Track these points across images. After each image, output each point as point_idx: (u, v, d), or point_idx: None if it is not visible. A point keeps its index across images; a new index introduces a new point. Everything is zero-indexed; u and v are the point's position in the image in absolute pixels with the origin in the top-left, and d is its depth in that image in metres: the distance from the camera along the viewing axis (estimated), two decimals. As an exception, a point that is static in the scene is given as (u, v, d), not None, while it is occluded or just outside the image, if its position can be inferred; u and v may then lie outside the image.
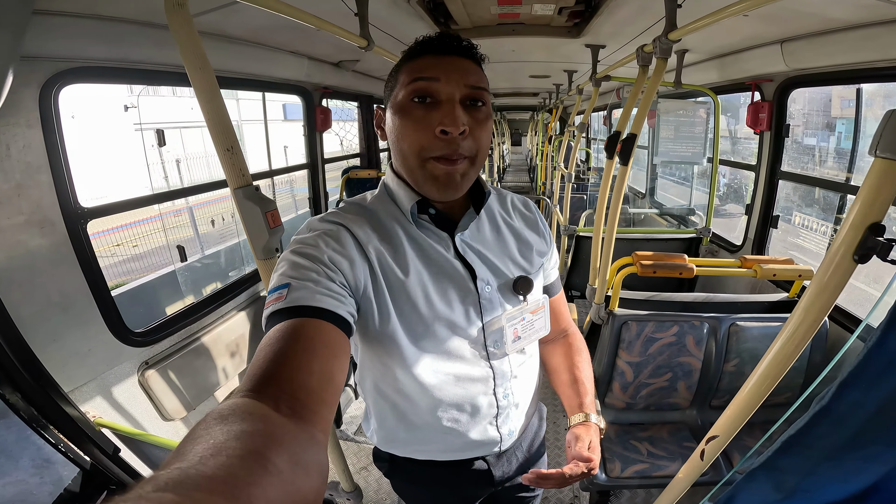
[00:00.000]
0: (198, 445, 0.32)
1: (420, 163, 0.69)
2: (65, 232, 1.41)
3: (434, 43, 0.71)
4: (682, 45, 2.36)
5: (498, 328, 0.80)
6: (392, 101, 0.72)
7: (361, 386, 0.88)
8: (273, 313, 0.57)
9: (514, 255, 0.83)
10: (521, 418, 0.91)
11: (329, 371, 0.51)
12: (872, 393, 0.67)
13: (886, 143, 0.53)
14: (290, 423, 0.41)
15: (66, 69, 1.37)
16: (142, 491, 0.25)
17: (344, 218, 0.72)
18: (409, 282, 0.72)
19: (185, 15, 0.74)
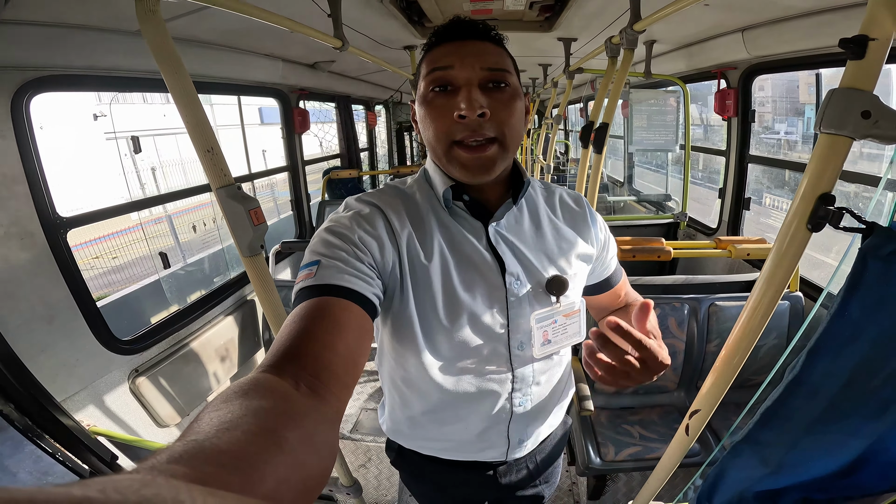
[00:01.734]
0: (216, 418, 0.33)
1: (446, 149, 0.68)
2: (45, 242, 1.41)
3: (448, 30, 0.70)
4: (650, 35, 2.43)
5: (525, 329, 0.75)
6: (417, 95, 0.72)
7: (380, 371, 0.86)
8: (302, 289, 0.57)
9: (553, 253, 0.78)
10: (536, 429, 0.86)
11: (351, 352, 0.51)
12: (841, 361, 0.71)
13: (829, 119, 0.57)
14: (307, 402, 0.41)
15: (35, 78, 1.36)
16: (155, 461, 0.26)
17: (379, 199, 0.72)
18: (432, 268, 0.69)
19: (157, 20, 0.75)
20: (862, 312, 0.66)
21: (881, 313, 0.65)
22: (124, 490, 0.15)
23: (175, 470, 0.25)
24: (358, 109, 4.28)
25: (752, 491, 0.96)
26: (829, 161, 0.59)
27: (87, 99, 8.71)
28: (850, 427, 0.81)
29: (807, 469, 0.90)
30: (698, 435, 0.89)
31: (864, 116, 0.56)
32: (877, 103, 0.55)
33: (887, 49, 0.54)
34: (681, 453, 0.93)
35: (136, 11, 0.73)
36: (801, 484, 0.93)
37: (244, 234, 0.83)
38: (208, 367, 2.01)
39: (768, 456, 0.88)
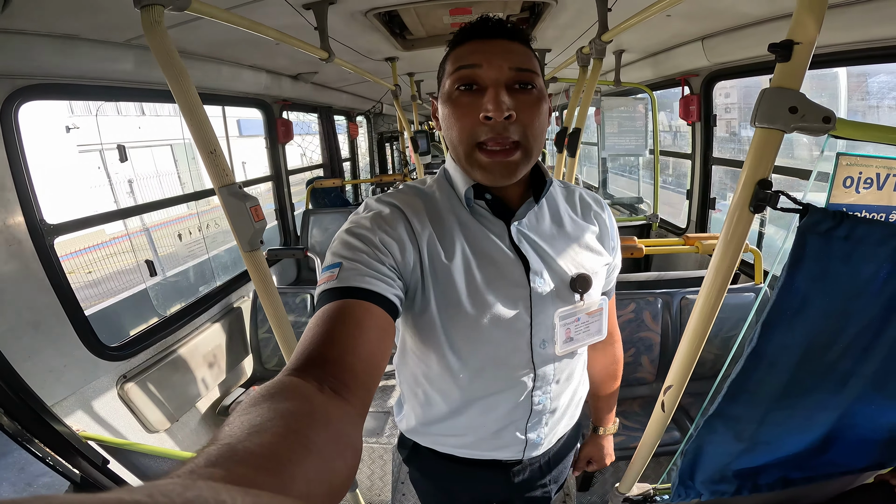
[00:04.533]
0: (246, 422, 0.34)
1: (468, 150, 0.67)
2: (32, 249, 1.42)
3: (477, 28, 0.68)
4: (619, 45, 2.57)
5: (548, 326, 0.75)
6: (441, 92, 0.70)
7: (399, 370, 0.86)
8: (324, 292, 0.58)
9: (575, 251, 0.78)
10: (553, 427, 0.86)
11: (374, 354, 0.52)
12: (794, 332, 0.77)
13: (762, 115, 0.66)
14: (331, 404, 0.42)
15: (25, 86, 1.38)
16: (193, 465, 0.27)
17: (400, 199, 0.71)
18: (454, 267, 0.69)
19: (162, 30, 0.80)
20: (806, 285, 0.72)
21: (823, 284, 0.72)
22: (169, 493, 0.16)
23: (213, 473, 0.26)
24: (340, 120, 4.34)
25: (731, 469, 1.01)
26: (765, 151, 0.68)
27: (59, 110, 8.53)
28: (815, 401, 0.88)
29: (781, 445, 0.96)
30: (674, 410, 0.95)
31: (791, 112, 0.65)
32: (802, 100, 0.64)
33: (811, 52, 0.62)
34: (659, 430, 0.99)
35: (142, 22, 0.78)
36: (778, 461, 0.99)
37: (245, 230, 0.88)
38: (196, 373, 2.02)
39: (741, 431, 0.92)
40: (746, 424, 0.90)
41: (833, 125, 0.66)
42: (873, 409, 0.88)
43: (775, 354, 0.79)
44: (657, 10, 1.21)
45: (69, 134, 8.49)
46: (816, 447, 0.94)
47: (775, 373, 0.82)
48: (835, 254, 0.70)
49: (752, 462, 0.98)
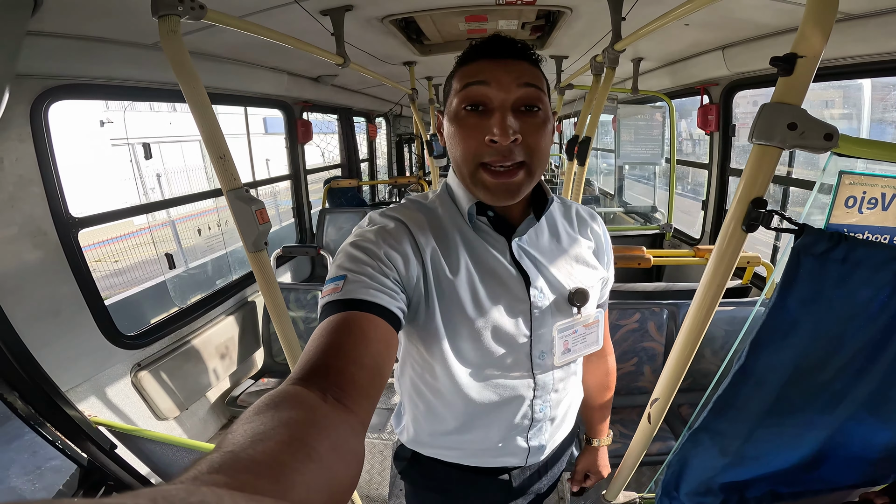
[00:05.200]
0: (249, 430, 0.34)
1: (472, 170, 0.68)
2: (57, 240, 1.49)
3: (486, 46, 0.68)
4: (637, 53, 2.55)
5: (547, 339, 0.77)
6: (447, 109, 0.71)
7: (400, 382, 0.88)
8: (329, 304, 0.58)
9: (573, 266, 0.80)
10: (553, 434, 0.89)
11: (376, 365, 0.53)
12: (783, 353, 0.76)
13: (760, 131, 0.65)
14: (333, 413, 0.43)
15: (55, 86, 1.45)
16: (196, 472, 0.28)
17: (404, 214, 0.72)
18: (458, 282, 0.71)
19: (177, 39, 0.85)
20: (798, 306, 0.71)
21: (816, 306, 0.71)
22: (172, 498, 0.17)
23: (216, 479, 0.27)
24: (359, 121, 4.41)
25: (717, 482, 1.00)
26: (761, 169, 0.67)
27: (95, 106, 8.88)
28: (804, 420, 0.86)
29: (768, 462, 0.95)
30: (660, 422, 0.96)
31: (790, 128, 0.62)
32: (803, 116, 0.62)
33: (815, 66, 0.60)
34: (645, 441, 1.00)
35: (159, 30, 0.82)
36: (766, 475, 0.97)
37: (250, 231, 0.91)
38: (209, 363, 2.08)
39: (726, 446, 0.92)
40: (732, 440, 0.90)
41: (835, 142, 0.63)
42: (865, 429, 0.86)
43: (763, 373, 0.78)
44: (670, 20, 1.20)
45: (103, 128, 8.81)
46: (806, 464, 0.92)
47: (763, 391, 0.81)
48: (830, 276, 0.69)
49: (740, 476, 0.97)
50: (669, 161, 2.97)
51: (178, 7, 0.85)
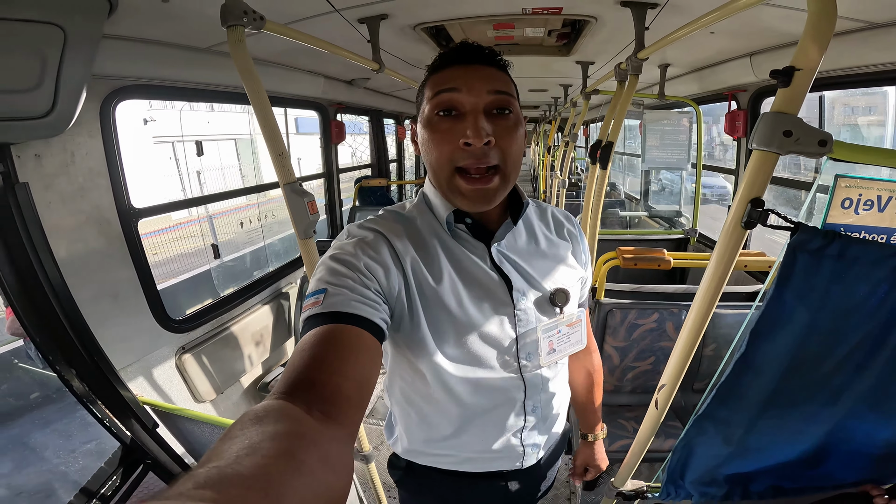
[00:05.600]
0: (234, 445, 0.34)
1: (448, 176, 0.70)
2: (119, 229, 1.64)
3: (455, 53, 0.70)
4: (664, 59, 2.57)
5: (532, 340, 0.79)
6: (420, 116, 0.73)
7: (390, 393, 0.88)
8: (310, 317, 0.58)
9: (552, 267, 0.82)
10: (546, 434, 0.90)
11: (361, 376, 0.52)
12: (779, 343, 0.80)
13: (759, 138, 0.71)
14: (321, 426, 0.42)
15: (122, 86, 1.59)
16: (182, 488, 0.27)
17: (381, 225, 0.73)
18: (442, 290, 0.72)
19: (243, 47, 0.97)
20: (795, 299, 0.75)
21: (812, 300, 0.75)
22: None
23: (203, 495, 0.26)
24: (389, 123, 4.55)
25: (722, 473, 1.04)
26: (760, 172, 0.72)
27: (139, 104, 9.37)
28: (807, 413, 0.89)
29: (771, 454, 0.98)
30: (667, 408, 1.01)
31: (786, 135, 0.67)
32: (798, 124, 0.67)
33: (811, 79, 0.66)
34: (653, 426, 1.03)
35: (228, 39, 0.94)
36: (769, 469, 1.01)
37: (302, 220, 1.02)
38: (244, 349, 2.23)
39: (730, 435, 0.95)
40: (735, 429, 0.93)
41: (829, 148, 0.68)
42: (867, 425, 0.89)
43: (762, 363, 0.82)
44: (691, 31, 1.24)
45: (146, 126, 9.30)
46: (809, 458, 0.95)
47: (762, 380, 0.84)
48: (825, 271, 0.73)
49: (744, 468, 1.00)
50: (696, 166, 2.98)
51: (244, 19, 0.97)
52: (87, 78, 1.18)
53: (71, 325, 1.47)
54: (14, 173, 1.26)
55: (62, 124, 1.16)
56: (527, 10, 1.52)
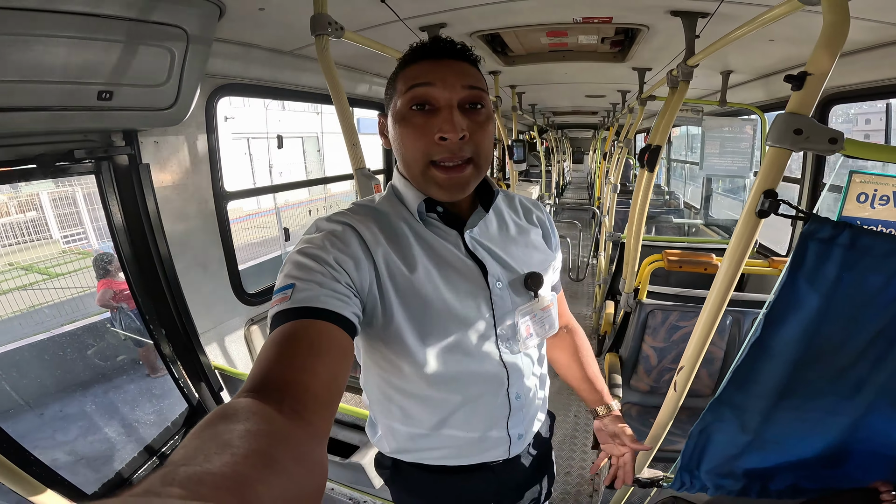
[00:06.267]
0: (203, 443, 0.33)
1: (423, 169, 0.70)
2: (213, 208, 1.90)
3: (427, 48, 0.71)
4: (726, 66, 2.55)
5: (510, 324, 0.79)
6: (392, 110, 0.72)
7: (367, 391, 0.87)
8: (278, 313, 0.57)
9: (524, 252, 0.83)
10: (531, 421, 0.90)
11: (331, 373, 0.51)
12: (792, 326, 0.83)
13: (773, 136, 0.77)
14: (292, 424, 0.41)
15: (223, 84, 1.83)
16: (149, 485, 0.26)
17: (351, 218, 0.71)
18: (418, 279, 0.71)
19: (328, 53, 1.16)
20: (807, 284, 0.80)
21: (824, 286, 0.79)
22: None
23: (170, 492, 0.25)
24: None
25: (740, 467, 1.05)
26: (774, 166, 0.79)
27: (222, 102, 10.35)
28: (826, 405, 0.91)
29: (790, 448, 0.99)
30: (686, 390, 1.03)
31: (796, 133, 0.75)
32: (809, 124, 0.74)
33: (822, 83, 0.73)
34: (672, 409, 1.07)
35: (316, 46, 1.14)
36: (788, 465, 1.02)
37: (370, 202, 1.20)
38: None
39: (746, 421, 0.97)
40: (751, 415, 0.95)
41: (840, 146, 0.75)
42: (889, 423, 0.89)
43: (777, 347, 0.85)
44: (737, 37, 1.29)
45: (226, 122, 10.20)
46: (829, 456, 0.95)
47: (777, 366, 0.87)
48: (836, 259, 0.77)
49: (763, 462, 1.01)
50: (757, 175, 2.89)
51: (328, 28, 1.17)
52: (202, 76, 1.43)
53: (170, 290, 1.74)
54: (139, 155, 1.54)
55: (180, 116, 1.42)
56: (577, 19, 1.62)
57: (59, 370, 4.03)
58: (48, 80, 1.06)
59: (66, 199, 9.22)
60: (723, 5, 1.41)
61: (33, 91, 1.06)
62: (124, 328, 4.08)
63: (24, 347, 4.04)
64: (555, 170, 8.57)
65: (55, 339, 4.18)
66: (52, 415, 3.67)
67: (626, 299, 2.08)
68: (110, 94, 1.21)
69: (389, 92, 0.74)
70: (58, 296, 6.70)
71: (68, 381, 3.99)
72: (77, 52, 1.07)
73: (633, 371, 2.04)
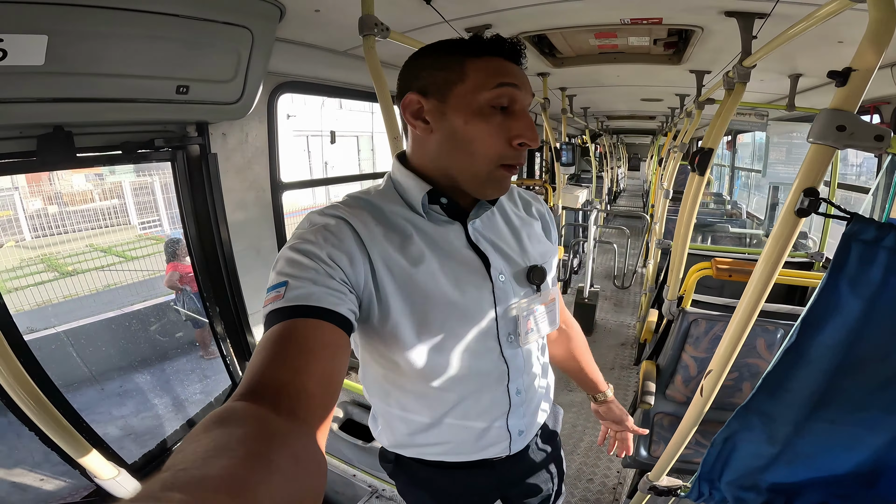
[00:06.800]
0: (201, 447, 0.33)
1: (492, 169, 0.68)
2: (269, 197, 2.04)
3: (504, 46, 0.69)
4: (794, 69, 2.41)
5: (512, 318, 0.77)
6: (460, 98, 0.67)
7: (366, 387, 0.86)
8: (271, 312, 0.56)
9: (526, 245, 0.82)
10: (532, 417, 0.89)
11: (327, 373, 0.51)
12: (830, 331, 0.79)
13: (816, 133, 0.75)
14: (289, 425, 0.41)
15: (284, 82, 1.96)
16: (149, 491, 0.26)
17: (344, 211, 0.69)
18: (419, 272, 0.69)
19: (375, 53, 1.24)
20: (848, 288, 0.76)
21: (868, 290, 0.76)
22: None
23: (171, 496, 0.26)
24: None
25: (766, 480, 1.00)
26: (815, 164, 0.76)
27: (286, 100, 11.07)
28: (865, 419, 0.86)
29: (824, 463, 0.93)
30: (713, 395, 0.99)
31: (839, 130, 0.72)
32: (853, 120, 0.71)
33: (868, 79, 0.70)
34: (697, 415, 1.04)
35: (363, 45, 1.22)
36: (819, 481, 0.96)
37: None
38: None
39: (775, 432, 0.92)
40: (781, 426, 0.90)
41: (887, 143, 0.72)
42: None
43: (814, 353, 0.81)
44: (792, 36, 1.24)
45: (289, 120, 10.78)
46: (865, 473, 0.89)
47: (814, 374, 0.83)
48: (880, 263, 0.74)
49: (791, 476, 0.96)
50: (829, 184, 2.70)
51: (375, 29, 1.24)
52: (264, 73, 1.56)
53: (227, 272, 1.89)
54: (209, 145, 1.70)
55: (245, 110, 1.56)
56: (625, 20, 1.61)
57: (124, 346, 4.42)
58: (135, 74, 1.21)
59: (144, 188, 10.12)
60: (779, 5, 1.35)
61: (122, 84, 1.21)
62: (186, 309, 4.41)
63: (97, 323, 4.46)
64: (607, 175, 8.34)
65: (124, 317, 4.60)
66: (113, 389, 4.03)
67: (668, 306, 2.01)
68: (187, 89, 1.35)
69: (446, 74, 0.67)
70: (131, 277, 7.38)
71: (131, 357, 4.37)
72: (158, 48, 1.21)
73: (669, 380, 1.98)
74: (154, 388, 4.18)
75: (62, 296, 6.37)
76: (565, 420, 2.66)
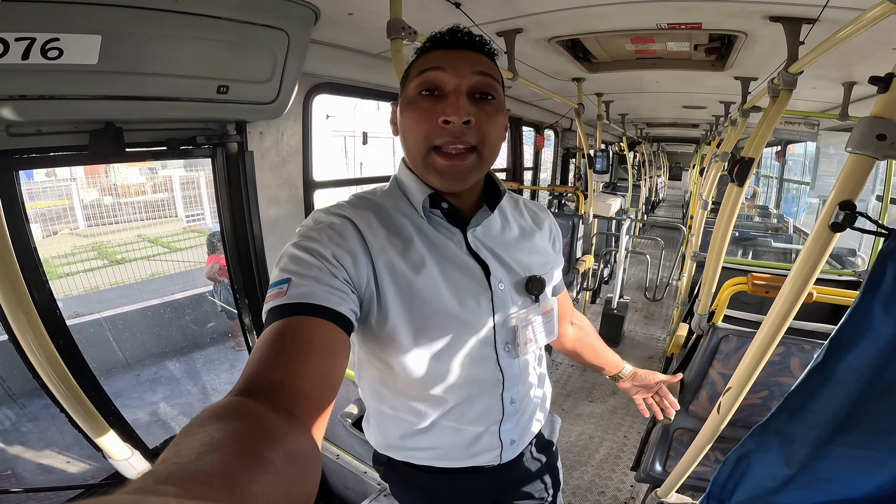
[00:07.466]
0: (195, 442, 0.33)
1: (424, 154, 0.68)
2: (301, 195, 2.10)
3: (445, 37, 0.70)
4: (848, 77, 2.28)
5: (510, 328, 0.77)
6: (402, 97, 0.71)
7: (361, 387, 0.85)
8: (273, 309, 0.56)
9: (526, 256, 0.81)
10: (526, 428, 0.88)
11: (326, 373, 0.51)
12: (860, 352, 0.75)
13: (854, 142, 0.71)
14: (285, 423, 0.41)
15: (320, 83, 2.02)
16: (142, 484, 0.26)
17: (350, 210, 0.69)
18: (419, 277, 0.69)
19: (402, 55, 1.26)
20: (882, 308, 0.72)
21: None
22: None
23: (164, 490, 0.25)
24: (528, 132, 4.74)
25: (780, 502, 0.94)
26: (853, 176, 0.73)
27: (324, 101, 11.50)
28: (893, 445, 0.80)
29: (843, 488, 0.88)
30: (730, 414, 0.97)
31: (879, 139, 0.69)
32: (894, 128, 0.68)
33: None
34: (712, 432, 1.02)
35: (391, 49, 1.25)
36: None
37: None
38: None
39: (793, 454, 0.88)
40: (800, 447, 0.86)
41: None
42: None
43: (842, 374, 0.77)
44: (836, 43, 1.18)
45: (327, 121, 11.11)
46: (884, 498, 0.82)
47: (840, 397, 0.79)
48: None
49: (806, 500, 0.90)
50: (881, 199, 2.53)
51: (402, 33, 1.26)
52: (299, 75, 1.61)
53: (257, 266, 1.96)
54: (246, 143, 1.77)
55: (281, 110, 1.62)
56: (662, 24, 1.57)
57: (162, 333, 4.62)
58: (180, 74, 1.28)
59: (191, 183, 10.65)
60: (827, 10, 1.29)
61: (168, 83, 1.28)
62: (222, 300, 4.58)
63: (140, 310, 4.69)
64: (645, 185, 8.10)
65: (165, 306, 4.83)
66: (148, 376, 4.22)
67: (697, 321, 1.94)
68: (227, 88, 1.42)
69: (403, 81, 0.74)
70: (174, 267, 7.77)
71: (167, 345, 4.57)
72: (201, 50, 1.28)
73: (694, 396, 1.89)
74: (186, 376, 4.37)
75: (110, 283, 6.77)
76: (582, 430, 2.65)
